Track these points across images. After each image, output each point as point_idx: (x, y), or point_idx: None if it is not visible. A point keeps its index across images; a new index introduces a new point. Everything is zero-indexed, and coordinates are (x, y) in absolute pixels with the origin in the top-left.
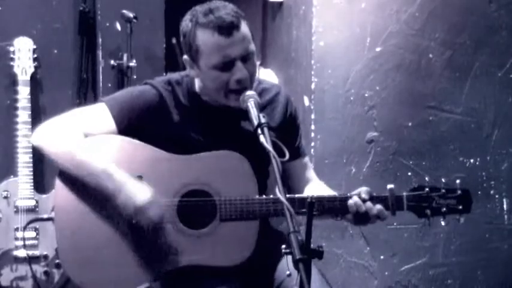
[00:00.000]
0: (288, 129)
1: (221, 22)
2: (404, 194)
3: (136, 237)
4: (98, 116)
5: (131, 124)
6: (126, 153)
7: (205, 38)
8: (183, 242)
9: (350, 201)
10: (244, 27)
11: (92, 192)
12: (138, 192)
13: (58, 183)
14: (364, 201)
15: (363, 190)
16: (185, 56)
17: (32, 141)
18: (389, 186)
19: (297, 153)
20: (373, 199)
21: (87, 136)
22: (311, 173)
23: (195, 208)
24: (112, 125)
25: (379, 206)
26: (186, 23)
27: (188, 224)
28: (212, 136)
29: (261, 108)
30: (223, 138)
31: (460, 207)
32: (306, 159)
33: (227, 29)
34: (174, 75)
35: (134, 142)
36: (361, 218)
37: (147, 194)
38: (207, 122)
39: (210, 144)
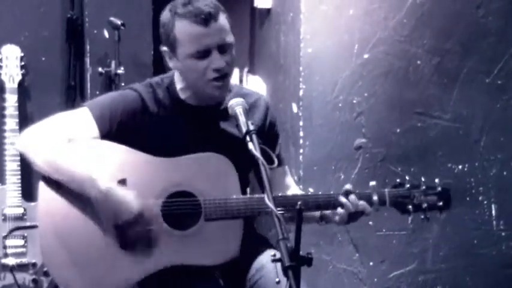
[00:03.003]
0: (267, 136)
1: (198, 12)
2: (387, 190)
3: (121, 239)
4: (81, 120)
5: (113, 127)
6: (109, 158)
7: (182, 28)
8: (168, 242)
9: (346, 201)
10: (223, 19)
11: (75, 196)
12: (125, 201)
13: (42, 187)
14: (347, 194)
15: (346, 188)
16: (164, 47)
17: (17, 147)
18: (372, 183)
19: (278, 160)
20: (356, 195)
21: (71, 141)
22: (290, 180)
23: (180, 209)
24: (95, 129)
25: (362, 202)
26: (165, 13)
27: (173, 225)
28: (192, 136)
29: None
30: (203, 139)
31: (440, 203)
32: (286, 167)
33: (204, 18)
34: (155, 78)
35: (117, 146)
36: (349, 217)
37: (135, 202)
38: (187, 122)
39: (190, 144)
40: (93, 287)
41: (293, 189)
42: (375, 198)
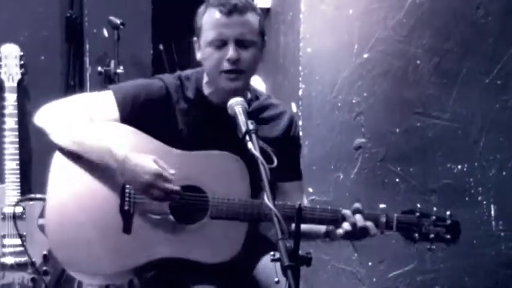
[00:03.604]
0: (288, 150)
1: (226, 2)
2: (395, 215)
3: (124, 223)
4: (103, 101)
5: (134, 113)
6: (126, 141)
7: (208, 15)
8: (169, 234)
9: (352, 218)
10: (252, 17)
11: (89, 172)
12: (142, 163)
13: (55, 160)
14: (355, 212)
15: (355, 206)
16: (194, 38)
17: (35, 121)
18: (382, 206)
19: (296, 174)
20: (363, 215)
21: (90, 121)
22: (302, 197)
23: (188, 203)
24: (115, 113)
25: (369, 223)
26: (201, 7)
27: (178, 217)
28: (209, 134)
29: (263, 122)
30: (220, 138)
31: (448, 236)
32: (302, 183)
33: (229, 9)
34: (186, 71)
35: (136, 132)
36: (354, 234)
37: (152, 164)
38: (206, 120)
39: (206, 141)
40: (92, 267)
41: None
42: (383, 220)
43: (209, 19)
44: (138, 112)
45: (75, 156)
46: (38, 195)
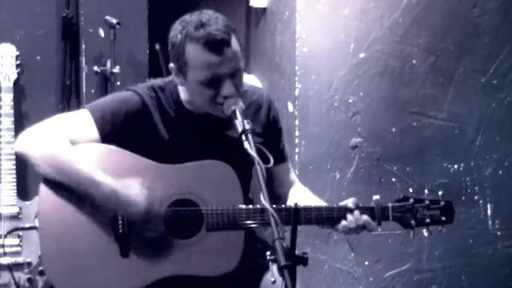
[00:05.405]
0: (272, 133)
1: (212, 39)
2: (390, 204)
3: (122, 246)
4: (81, 122)
5: (114, 131)
6: (112, 162)
7: (194, 54)
8: (168, 252)
9: (349, 217)
10: (235, 43)
11: (77, 199)
12: (133, 201)
13: (42, 190)
14: (351, 211)
15: (350, 201)
16: (172, 65)
17: (15, 148)
18: (375, 197)
19: (281, 157)
20: (359, 209)
21: (71, 143)
22: (293, 176)
23: (182, 218)
24: (94, 132)
25: (365, 217)
26: (175, 33)
27: (174, 233)
28: (195, 143)
29: (244, 110)
30: (207, 145)
31: (443, 218)
32: (288, 162)
33: (218, 46)
34: (157, 81)
35: (120, 151)
36: (352, 230)
37: (142, 200)
38: (191, 129)
39: (193, 151)
40: None
41: (297, 185)
42: (378, 212)
43: (197, 58)
44: (118, 129)
45: (59, 184)
46: (27, 225)
